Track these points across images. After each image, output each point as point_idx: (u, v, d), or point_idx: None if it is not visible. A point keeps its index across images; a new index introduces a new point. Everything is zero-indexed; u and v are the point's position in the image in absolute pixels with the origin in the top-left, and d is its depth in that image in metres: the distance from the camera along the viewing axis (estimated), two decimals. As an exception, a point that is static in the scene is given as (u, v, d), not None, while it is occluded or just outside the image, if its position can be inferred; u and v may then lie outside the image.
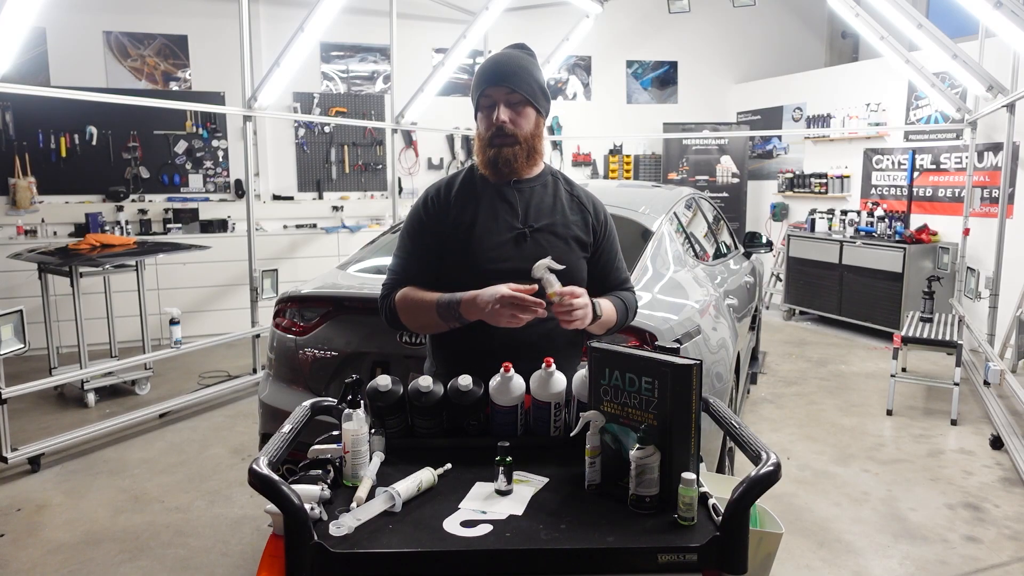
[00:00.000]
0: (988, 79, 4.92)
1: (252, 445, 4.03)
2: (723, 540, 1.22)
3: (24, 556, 2.92)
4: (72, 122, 6.59)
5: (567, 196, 1.89)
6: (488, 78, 1.78)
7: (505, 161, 1.78)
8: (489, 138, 1.78)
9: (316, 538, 1.19)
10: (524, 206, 1.82)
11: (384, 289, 1.86)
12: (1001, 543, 3.01)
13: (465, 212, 1.81)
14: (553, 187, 1.89)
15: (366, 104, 7.71)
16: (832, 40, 9.06)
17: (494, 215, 1.81)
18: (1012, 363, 5.19)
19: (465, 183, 1.87)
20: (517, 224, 1.80)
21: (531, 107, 1.80)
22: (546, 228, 1.82)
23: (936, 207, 6.66)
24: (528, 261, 1.72)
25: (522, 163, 1.81)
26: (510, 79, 1.77)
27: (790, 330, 7.07)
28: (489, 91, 1.78)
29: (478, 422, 1.66)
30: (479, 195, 1.84)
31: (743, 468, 2.23)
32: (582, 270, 1.85)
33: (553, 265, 1.66)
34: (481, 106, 1.80)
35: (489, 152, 1.78)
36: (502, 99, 1.76)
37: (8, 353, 3.53)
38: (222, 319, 6.29)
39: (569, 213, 1.86)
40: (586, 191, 1.95)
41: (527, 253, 1.76)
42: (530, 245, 1.78)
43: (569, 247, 1.83)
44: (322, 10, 4.78)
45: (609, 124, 8.58)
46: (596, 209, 1.92)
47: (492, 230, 1.79)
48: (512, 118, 1.77)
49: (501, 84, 1.76)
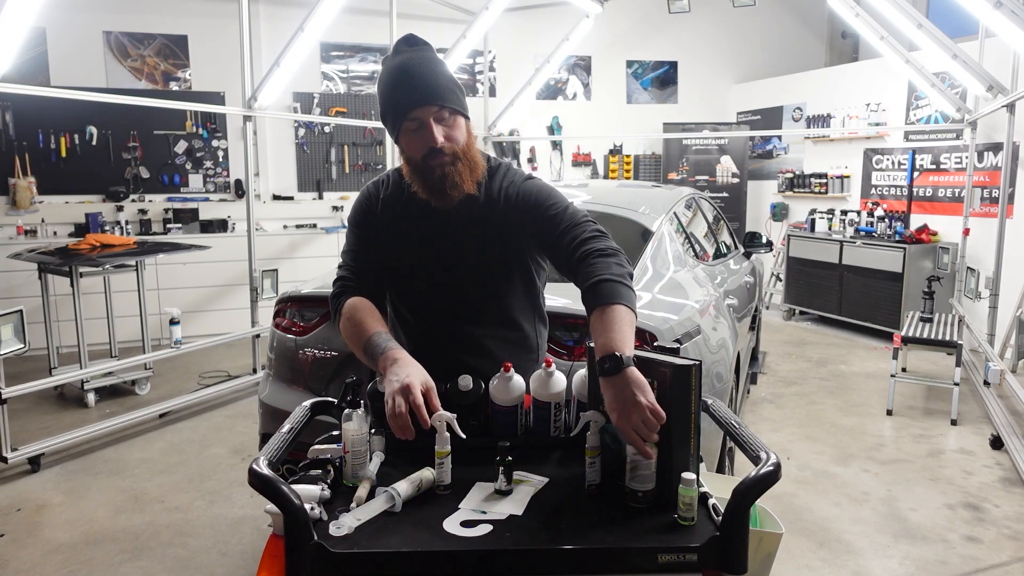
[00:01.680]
0: (988, 79, 4.92)
1: (252, 445, 4.03)
2: (723, 540, 1.22)
3: (24, 556, 2.93)
4: (72, 122, 6.59)
5: (486, 199, 1.69)
6: (410, 98, 1.57)
7: (452, 183, 1.61)
8: (424, 161, 1.60)
9: (316, 538, 1.19)
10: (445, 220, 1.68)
11: (335, 286, 1.74)
12: (1001, 543, 3.01)
13: (389, 225, 1.73)
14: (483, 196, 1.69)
15: (366, 104, 7.72)
16: (832, 40, 9.06)
17: (417, 233, 1.70)
18: (1012, 363, 5.19)
19: (392, 194, 1.74)
20: (441, 242, 1.70)
21: (460, 115, 1.64)
22: (470, 240, 1.69)
23: (936, 207, 6.66)
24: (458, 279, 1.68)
25: (467, 177, 1.63)
26: (435, 94, 1.58)
27: (790, 330, 7.07)
28: (415, 114, 1.58)
29: (478, 422, 1.66)
30: (401, 216, 1.72)
31: (743, 468, 2.23)
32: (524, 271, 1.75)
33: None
34: (406, 130, 1.61)
35: (431, 178, 1.60)
36: (431, 117, 1.58)
37: (8, 353, 3.53)
38: (222, 319, 6.29)
39: (490, 219, 1.68)
40: (508, 183, 1.71)
41: (456, 272, 1.70)
42: (457, 262, 1.70)
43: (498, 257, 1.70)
44: (322, 10, 4.78)
45: (609, 124, 8.58)
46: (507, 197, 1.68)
47: (415, 251, 1.71)
48: (447, 134, 1.60)
49: (429, 103, 1.58)
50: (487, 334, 1.76)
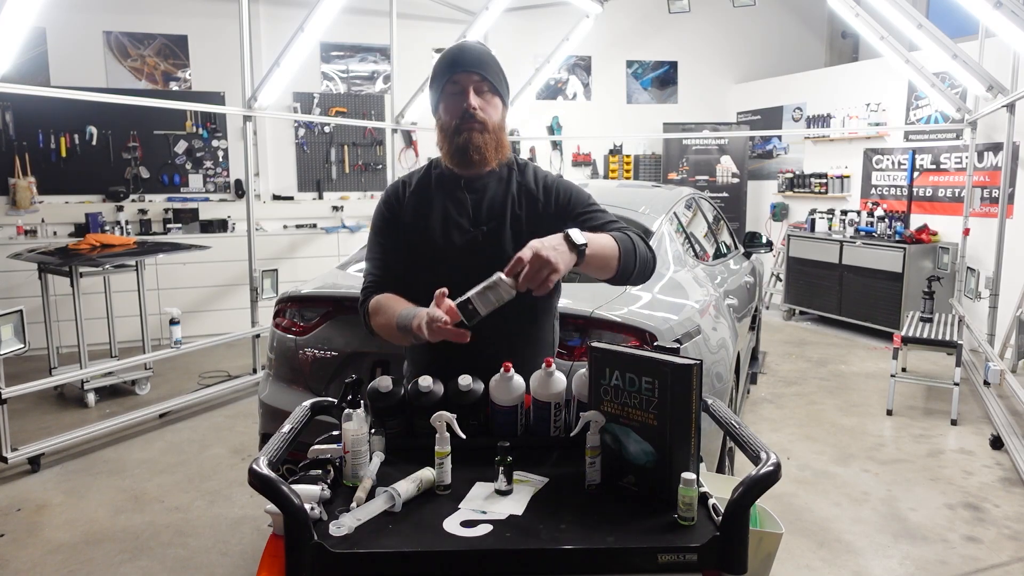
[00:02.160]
0: (988, 79, 4.92)
1: (252, 445, 4.03)
2: (723, 540, 1.22)
3: (24, 556, 2.93)
4: (72, 122, 6.59)
5: (518, 187, 1.80)
6: (455, 63, 1.71)
7: (476, 148, 1.71)
8: (456, 125, 1.71)
9: (316, 538, 1.19)
10: (476, 204, 1.77)
11: (362, 294, 1.83)
12: (1001, 543, 3.01)
13: (419, 213, 1.79)
14: (506, 181, 1.80)
15: (366, 104, 7.71)
16: (832, 40, 9.06)
17: (446, 215, 1.77)
18: (1012, 363, 5.19)
19: (421, 182, 1.83)
20: (468, 226, 1.76)
21: (498, 97, 1.75)
22: (498, 228, 1.76)
23: (936, 207, 6.66)
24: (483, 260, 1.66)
25: (491, 152, 1.73)
26: (479, 66, 1.72)
27: (790, 330, 7.07)
28: (458, 77, 1.71)
29: (478, 422, 1.66)
30: (432, 196, 1.80)
31: (743, 468, 2.23)
32: None
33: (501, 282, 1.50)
34: (447, 93, 1.73)
35: (458, 140, 1.71)
36: (472, 85, 1.71)
37: (8, 353, 3.53)
38: (222, 319, 6.29)
39: (521, 206, 1.78)
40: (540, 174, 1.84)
41: (481, 252, 1.73)
42: (485, 245, 1.75)
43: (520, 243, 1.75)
44: (322, 10, 4.78)
45: (609, 124, 8.58)
46: (547, 189, 1.80)
47: (444, 233, 1.76)
48: (482, 105, 1.71)
49: (471, 70, 1.71)
50: (512, 330, 1.76)
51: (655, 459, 1.39)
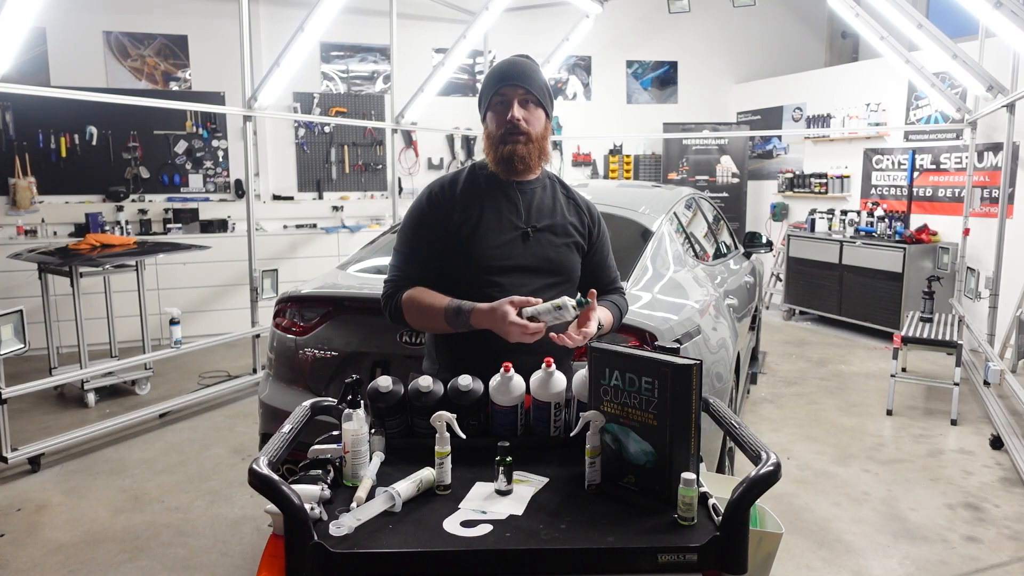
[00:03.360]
0: (988, 79, 4.92)
1: (252, 445, 4.03)
2: (723, 540, 1.22)
3: (24, 556, 2.93)
4: (72, 122, 6.59)
5: (564, 198, 1.96)
6: (502, 77, 1.83)
7: (520, 158, 1.82)
8: (502, 135, 1.82)
9: (316, 538, 1.19)
10: (527, 206, 1.88)
11: (388, 286, 1.88)
12: (1001, 543, 3.01)
13: (470, 210, 1.85)
14: (552, 189, 1.95)
15: (366, 104, 7.72)
16: (832, 40, 9.06)
17: (498, 214, 1.85)
18: (1012, 363, 5.18)
19: (469, 182, 1.90)
20: (520, 223, 1.85)
21: (542, 109, 1.86)
22: (547, 228, 1.88)
23: (936, 207, 6.66)
24: (530, 259, 1.82)
25: (535, 161, 1.86)
26: (524, 80, 1.82)
27: (790, 330, 7.07)
28: (504, 90, 1.82)
29: (478, 422, 1.66)
30: (483, 194, 1.87)
31: (743, 468, 2.23)
32: (577, 268, 1.93)
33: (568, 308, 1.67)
34: (493, 104, 1.84)
35: (503, 149, 1.82)
36: (516, 98, 1.82)
37: (8, 353, 3.53)
38: (222, 319, 6.29)
39: (567, 215, 1.93)
40: (580, 195, 2.01)
41: (529, 252, 1.84)
42: (532, 244, 1.85)
43: (567, 246, 1.91)
44: (322, 10, 4.78)
45: (609, 124, 8.58)
46: (591, 211, 1.99)
47: (496, 228, 1.84)
48: (525, 116, 1.82)
49: (516, 84, 1.82)
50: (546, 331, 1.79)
51: (655, 459, 1.39)
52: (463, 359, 1.80)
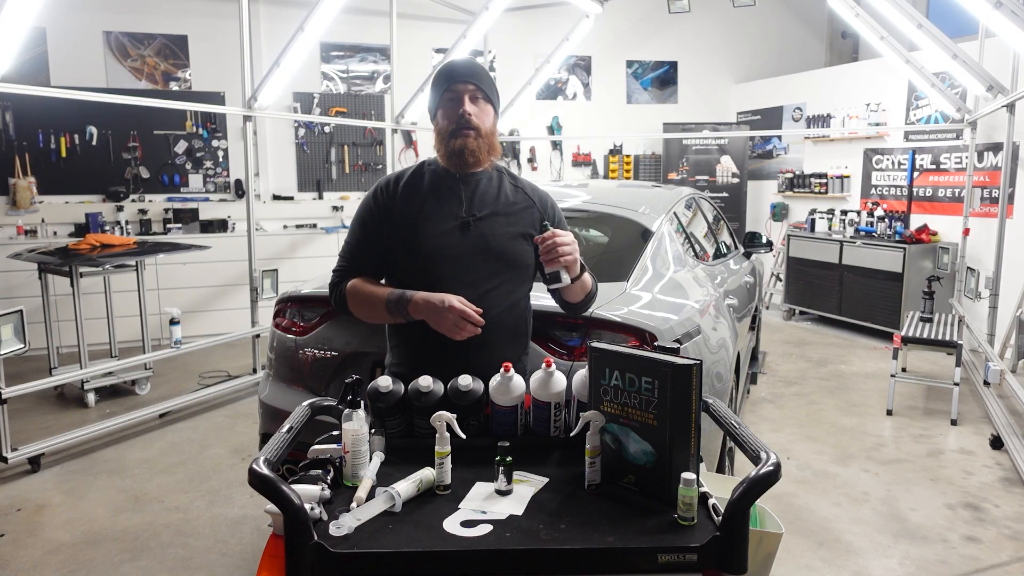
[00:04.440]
0: (988, 79, 4.92)
1: (252, 445, 4.03)
2: (723, 540, 1.22)
3: (24, 556, 2.93)
4: (72, 122, 6.59)
5: (511, 188, 1.99)
6: (453, 75, 1.89)
7: (471, 151, 1.87)
8: (453, 130, 1.87)
9: (316, 538, 1.19)
10: (469, 197, 1.91)
11: (334, 276, 1.96)
12: (1001, 543, 3.01)
13: (412, 202, 1.91)
14: (497, 180, 1.98)
15: (366, 104, 7.71)
16: (832, 40, 9.06)
17: (439, 205, 1.90)
18: (1012, 363, 5.19)
19: (413, 176, 1.96)
20: (461, 213, 1.89)
21: (491, 105, 1.93)
22: (489, 217, 1.91)
23: (936, 207, 6.66)
24: (470, 248, 1.86)
25: (484, 155, 1.91)
26: (474, 77, 1.89)
27: (790, 330, 7.07)
28: (455, 86, 1.88)
29: (478, 422, 1.66)
30: (425, 187, 1.93)
31: (743, 468, 2.23)
32: (526, 255, 1.94)
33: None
34: (444, 100, 1.90)
35: (453, 143, 1.87)
36: (467, 94, 1.88)
37: (8, 353, 3.53)
38: (222, 319, 6.29)
39: (513, 202, 1.96)
40: (531, 184, 2.05)
41: (469, 241, 1.87)
42: (473, 233, 1.88)
43: (512, 235, 1.92)
44: (322, 10, 4.78)
45: (609, 124, 8.57)
46: (542, 200, 2.01)
47: (437, 219, 1.88)
48: (476, 112, 1.88)
49: (467, 80, 1.88)
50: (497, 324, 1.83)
51: (655, 459, 1.39)
52: (417, 354, 1.87)
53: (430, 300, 1.75)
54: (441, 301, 1.73)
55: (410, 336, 1.88)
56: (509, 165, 8.35)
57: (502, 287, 1.89)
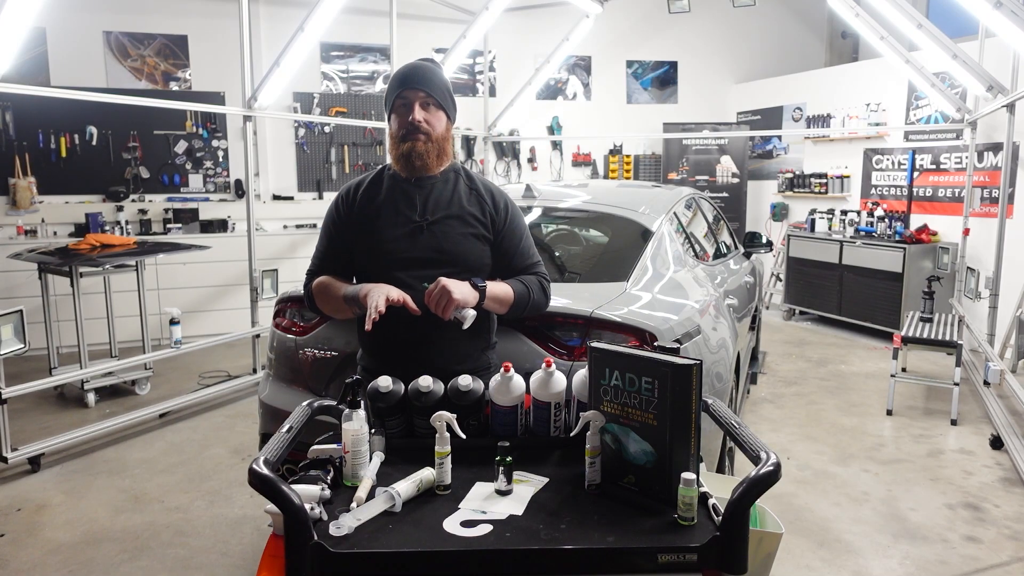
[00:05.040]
0: (988, 79, 4.92)
1: (252, 445, 4.03)
2: (723, 540, 1.22)
3: (24, 556, 2.93)
4: (72, 122, 6.59)
5: (466, 189, 2.01)
6: (404, 82, 1.93)
7: (418, 155, 1.91)
8: (403, 135, 1.92)
9: (316, 538, 1.19)
10: (423, 201, 1.96)
11: (306, 278, 2.06)
12: (1001, 543, 3.01)
13: (369, 208, 1.97)
14: (453, 182, 2.01)
15: (366, 104, 7.71)
16: (832, 40, 9.06)
17: (395, 210, 1.95)
18: (1012, 363, 5.18)
19: (373, 182, 2.02)
20: (415, 217, 1.94)
21: (442, 111, 1.95)
22: (442, 220, 1.95)
23: (936, 207, 6.66)
24: (425, 251, 1.92)
25: (433, 160, 1.94)
26: (424, 83, 1.92)
27: (790, 330, 7.07)
28: (406, 93, 1.92)
29: (478, 422, 1.66)
30: (383, 192, 1.99)
31: (743, 468, 2.23)
32: (481, 256, 1.97)
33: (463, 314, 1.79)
34: (396, 107, 1.94)
35: (403, 147, 1.92)
36: (417, 101, 1.91)
37: (8, 353, 3.53)
38: (222, 319, 6.29)
39: (467, 204, 1.98)
40: (487, 183, 2.07)
41: (424, 243, 1.93)
42: (426, 236, 1.93)
43: (467, 236, 1.96)
44: (322, 10, 4.78)
45: (609, 124, 8.57)
46: (495, 199, 2.03)
47: (392, 223, 1.94)
48: (426, 118, 1.91)
49: (417, 87, 1.91)
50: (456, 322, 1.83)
51: (655, 459, 1.39)
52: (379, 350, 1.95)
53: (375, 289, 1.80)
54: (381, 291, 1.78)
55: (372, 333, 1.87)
56: (509, 165, 8.36)
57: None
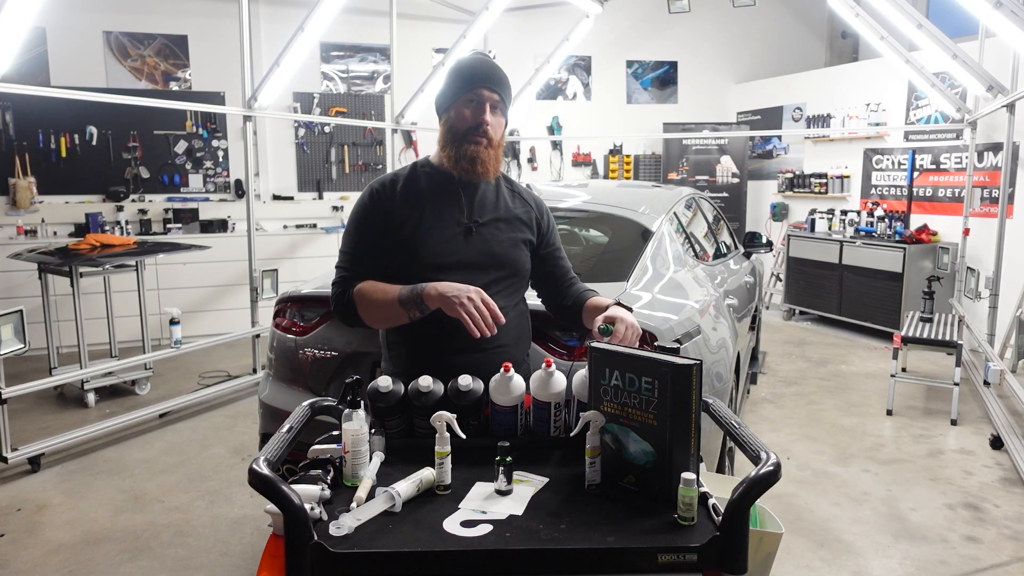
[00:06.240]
0: (988, 79, 4.92)
1: (252, 445, 4.03)
2: (723, 540, 1.22)
3: (24, 556, 2.93)
4: (72, 122, 6.59)
5: (509, 193, 1.96)
6: (480, 78, 1.81)
7: (481, 160, 1.81)
8: (465, 134, 1.80)
9: (316, 538, 1.19)
10: (469, 201, 1.87)
11: (336, 287, 1.86)
12: (1001, 543, 3.01)
13: (412, 209, 1.84)
14: (496, 185, 1.94)
15: (366, 104, 7.71)
16: (832, 40, 9.06)
17: (440, 211, 1.84)
18: (1012, 363, 5.18)
19: (410, 180, 1.89)
20: (463, 219, 1.85)
21: (504, 118, 1.89)
22: (491, 223, 1.87)
23: (936, 207, 6.66)
24: (473, 255, 1.82)
25: (492, 167, 1.85)
26: (501, 87, 1.84)
27: (790, 330, 7.07)
28: (481, 91, 1.80)
29: (478, 422, 1.66)
30: (424, 191, 1.86)
31: (743, 468, 2.23)
32: (526, 261, 1.93)
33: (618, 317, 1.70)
34: (463, 100, 1.82)
35: (466, 148, 1.80)
36: (489, 102, 1.81)
37: (8, 353, 3.53)
38: (222, 319, 6.29)
39: (512, 208, 1.93)
40: (528, 190, 2.02)
41: (473, 247, 1.83)
42: (475, 239, 1.84)
43: (514, 240, 1.90)
44: (322, 10, 4.78)
45: (609, 124, 8.57)
46: (538, 205, 2.00)
47: (438, 226, 1.83)
48: (494, 123, 1.83)
49: (493, 88, 1.82)
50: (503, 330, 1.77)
51: (655, 459, 1.39)
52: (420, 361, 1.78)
53: (451, 286, 1.68)
54: (465, 287, 1.68)
55: (414, 340, 1.84)
56: (509, 165, 8.35)
57: (504, 292, 1.86)
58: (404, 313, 1.75)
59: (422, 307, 1.72)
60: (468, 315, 1.64)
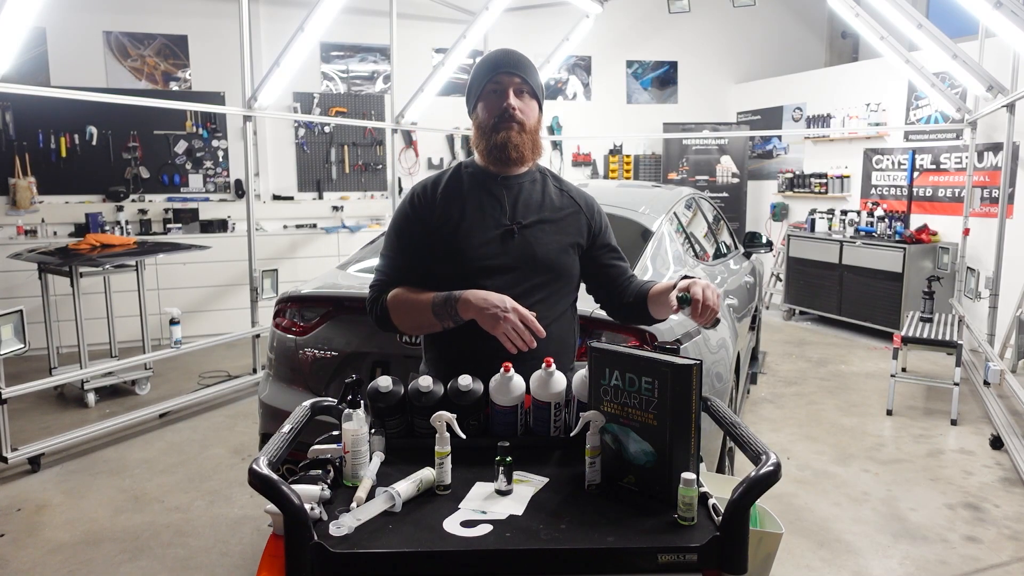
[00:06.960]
0: (988, 79, 4.92)
1: (252, 445, 4.03)
2: (723, 540, 1.22)
3: (24, 556, 2.93)
4: (72, 122, 6.59)
5: (556, 192, 1.86)
6: (498, 65, 1.76)
7: (514, 146, 1.74)
8: (495, 123, 1.75)
9: (316, 538, 1.19)
10: (512, 202, 1.79)
11: (373, 291, 1.82)
12: (1001, 543, 3.01)
13: (452, 209, 1.77)
14: (542, 183, 1.85)
15: (366, 104, 7.71)
16: (832, 40, 9.06)
17: (481, 211, 1.77)
18: (1012, 363, 5.19)
19: (452, 181, 1.83)
20: (505, 220, 1.77)
21: (536, 101, 1.80)
22: (534, 224, 1.78)
23: (936, 207, 6.66)
24: (515, 258, 1.74)
25: (528, 152, 1.77)
26: (520, 69, 1.77)
27: (790, 330, 7.07)
28: (500, 77, 1.75)
29: (478, 422, 1.66)
30: (465, 192, 1.80)
31: (743, 468, 2.23)
32: (574, 265, 1.83)
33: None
34: (487, 92, 1.77)
35: (496, 137, 1.74)
36: (512, 87, 1.75)
37: (8, 353, 3.53)
38: (222, 319, 6.29)
39: (559, 209, 1.83)
40: (577, 187, 1.92)
41: (515, 250, 1.75)
42: (518, 242, 1.76)
43: (560, 243, 1.80)
44: (322, 10, 4.78)
45: (609, 124, 8.58)
46: (589, 205, 1.89)
47: (479, 226, 1.76)
48: (520, 107, 1.75)
49: (513, 72, 1.75)
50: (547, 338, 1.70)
51: (655, 459, 1.39)
52: (455, 362, 1.72)
53: (487, 298, 1.62)
54: (500, 301, 1.61)
55: (450, 348, 1.78)
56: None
57: (550, 299, 1.77)
58: (437, 322, 1.70)
59: (456, 318, 1.67)
60: (505, 333, 1.60)
